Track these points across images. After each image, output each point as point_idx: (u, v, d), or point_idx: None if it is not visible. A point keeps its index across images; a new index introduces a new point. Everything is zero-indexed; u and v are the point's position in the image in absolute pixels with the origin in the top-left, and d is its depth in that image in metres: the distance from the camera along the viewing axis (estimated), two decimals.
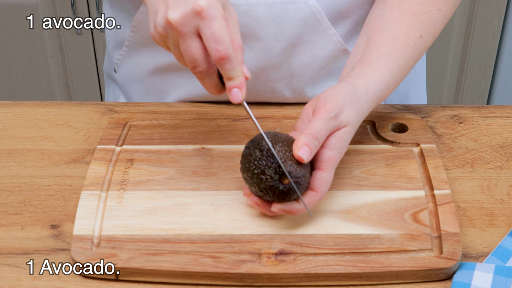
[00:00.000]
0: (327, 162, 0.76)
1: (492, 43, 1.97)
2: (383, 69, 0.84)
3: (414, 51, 0.87)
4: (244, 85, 0.73)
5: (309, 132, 0.74)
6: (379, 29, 0.86)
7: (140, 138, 0.90)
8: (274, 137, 0.76)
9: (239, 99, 0.73)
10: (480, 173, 0.87)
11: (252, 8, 0.91)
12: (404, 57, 0.86)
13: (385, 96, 0.84)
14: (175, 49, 0.75)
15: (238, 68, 0.72)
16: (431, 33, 0.88)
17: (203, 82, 0.75)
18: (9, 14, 1.87)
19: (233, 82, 0.73)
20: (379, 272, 0.72)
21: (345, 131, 0.77)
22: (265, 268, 0.72)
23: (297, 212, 0.75)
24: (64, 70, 1.97)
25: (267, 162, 0.74)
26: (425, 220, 0.77)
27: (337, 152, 0.77)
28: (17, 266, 0.75)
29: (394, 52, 0.85)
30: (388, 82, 0.84)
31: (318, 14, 0.92)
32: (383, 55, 0.84)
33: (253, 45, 0.94)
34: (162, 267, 0.72)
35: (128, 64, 1.04)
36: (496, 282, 0.71)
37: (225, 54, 0.71)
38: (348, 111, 0.78)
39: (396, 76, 0.85)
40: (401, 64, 0.85)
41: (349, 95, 0.79)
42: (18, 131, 0.95)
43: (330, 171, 0.76)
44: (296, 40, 0.93)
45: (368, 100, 0.81)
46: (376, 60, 0.84)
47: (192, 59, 0.73)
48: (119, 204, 0.80)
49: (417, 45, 0.87)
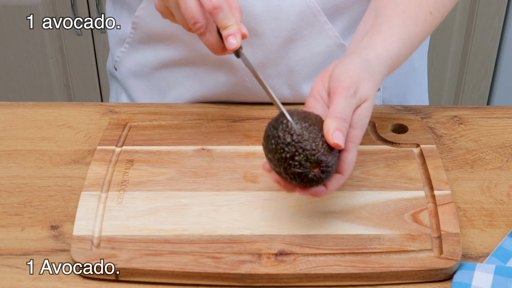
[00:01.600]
0: (351, 142, 0.74)
1: (492, 44, 1.97)
2: (393, 38, 0.82)
3: (424, 26, 0.85)
4: (239, 33, 0.77)
5: (336, 115, 0.72)
6: (388, 3, 0.85)
7: (140, 139, 0.90)
8: (302, 116, 0.73)
9: (234, 46, 0.76)
10: (480, 174, 0.87)
11: (249, 3, 0.91)
12: (415, 29, 0.84)
13: (395, 66, 0.82)
14: (177, 13, 0.79)
15: (231, 17, 0.76)
16: (440, 11, 0.87)
17: (204, 40, 0.79)
18: (9, 14, 1.87)
19: (227, 30, 0.77)
20: (379, 272, 0.72)
21: (366, 107, 0.75)
22: (265, 269, 0.72)
23: (322, 195, 0.73)
24: (64, 71, 1.97)
25: (298, 148, 0.70)
26: (425, 221, 0.77)
27: (360, 130, 0.74)
28: (17, 267, 0.75)
29: (405, 23, 0.83)
30: (399, 51, 0.81)
31: (314, 9, 0.92)
32: (394, 26, 0.83)
33: (251, 41, 0.94)
34: (162, 267, 0.72)
35: (129, 61, 1.04)
36: (496, 282, 0.71)
37: (216, 2, 0.75)
38: (365, 84, 0.75)
39: (407, 47, 0.83)
40: (412, 36, 0.83)
41: (363, 67, 0.77)
42: (18, 132, 0.95)
43: (355, 150, 0.74)
44: (293, 36, 0.94)
45: (381, 69, 0.79)
46: (387, 29, 0.82)
47: (191, 16, 0.77)
48: (119, 204, 0.80)
49: (427, 21, 0.85)
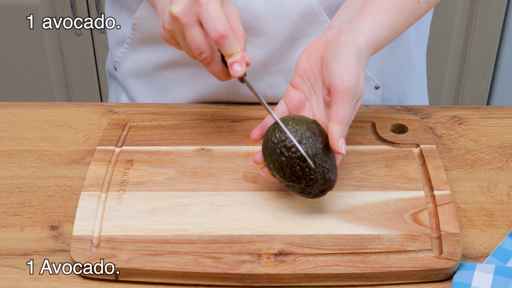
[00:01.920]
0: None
1: (492, 44, 1.97)
2: (382, 23, 0.83)
3: (410, 15, 0.86)
4: (244, 61, 0.79)
5: (342, 119, 0.74)
6: None
7: (139, 139, 0.90)
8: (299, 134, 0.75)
9: (239, 73, 0.78)
10: (480, 174, 0.87)
11: (250, 3, 0.91)
12: (401, 17, 0.85)
13: (378, 49, 0.83)
14: (183, 42, 0.81)
15: (236, 45, 0.78)
16: (426, 1, 0.88)
17: (209, 68, 0.81)
18: (8, 15, 1.87)
19: (233, 58, 0.78)
20: (379, 272, 0.72)
21: (358, 104, 0.78)
22: (265, 269, 0.72)
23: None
24: (64, 71, 1.97)
25: (308, 180, 0.75)
26: (425, 221, 0.77)
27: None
28: (16, 267, 0.75)
29: (394, 9, 0.84)
30: (384, 37, 0.83)
31: (316, 8, 0.92)
32: (384, 10, 0.84)
33: (252, 40, 0.94)
34: (162, 267, 0.72)
35: (130, 62, 1.04)
36: (496, 282, 0.71)
37: (222, 32, 0.76)
38: (362, 82, 0.78)
39: (392, 34, 0.84)
40: (398, 24, 0.85)
41: (358, 61, 0.78)
42: (17, 132, 0.95)
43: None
44: (295, 35, 0.94)
45: (367, 55, 0.81)
46: (377, 12, 0.83)
47: (197, 46, 0.79)
48: (119, 205, 0.80)
49: (414, 10, 0.86)
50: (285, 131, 0.75)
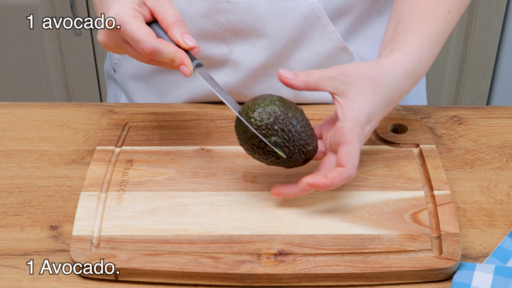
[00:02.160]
0: (347, 134, 0.75)
1: (492, 44, 1.97)
2: (412, 43, 0.82)
3: (444, 26, 0.85)
4: (186, 58, 0.77)
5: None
6: (406, 11, 0.85)
7: (139, 139, 0.90)
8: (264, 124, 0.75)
9: (188, 73, 0.77)
10: (479, 174, 0.87)
11: (253, 5, 0.91)
12: (434, 30, 0.84)
13: (419, 69, 0.82)
14: None
15: (169, 50, 0.77)
16: (458, 9, 0.87)
17: (165, 67, 0.80)
18: (8, 15, 1.87)
19: (175, 63, 0.78)
20: (378, 272, 0.72)
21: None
22: (265, 269, 0.72)
23: (322, 186, 0.74)
24: (64, 71, 1.97)
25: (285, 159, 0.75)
26: (425, 221, 0.77)
27: (353, 123, 0.76)
28: (16, 267, 0.75)
29: (423, 27, 0.84)
30: (419, 54, 0.82)
31: (317, 11, 0.92)
32: (412, 31, 0.83)
33: (254, 42, 0.94)
34: (162, 267, 0.72)
35: (129, 64, 1.04)
36: (496, 282, 0.71)
37: (148, 49, 0.76)
38: (377, 116, 0.78)
39: (428, 48, 0.83)
40: (431, 38, 0.84)
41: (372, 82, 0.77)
42: (17, 132, 0.95)
43: (354, 143, 0.74)
44: (297, 37, 0.94)
45: (397, 73, 0.79)
46: (404, 37, 0.83)
47: (140, 59, 0.80)
48: (119, 205, 0.80)
49: (446, 20, 0.85)
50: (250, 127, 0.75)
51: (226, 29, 0.93)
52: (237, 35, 0.94)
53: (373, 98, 0.77)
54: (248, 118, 0.74)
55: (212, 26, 0.94)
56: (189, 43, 0.78)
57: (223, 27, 0.93)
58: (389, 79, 0.78)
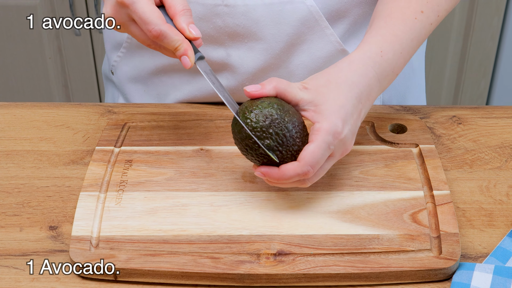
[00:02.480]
0: (314, 134, 0.75)
1: (492, 44, 1.97)
2: (372, 39, 0.82)
3: (415, 24, 0.84)
4: (190, 50, 0.77)
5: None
6: (378, 13, 0.85)
7: (138, 139, 0.90)
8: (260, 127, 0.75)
9: (188, 65, 0.77)
10: (479, 174, 0.87)
11: (250, 8, 0.91)
12: (402, 27, 0.83)
13: (382, 64, 0.81)
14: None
15: (176, 38, 0.76)
16: (433, 10, 0.86)
17: (164, 53, 0.80)
18: (7, 15, 1.87)
19: (178, 52, 0.77)
20: (378, 272, 0.72)
21: None
22: (264, 269, 0.72)
23: (275, 177, 0.74)
24: (63, 71, 1.97)
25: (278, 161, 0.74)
26: (424, 221, 0.77)
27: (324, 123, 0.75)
28: (15, 267, 0.75)
29: (387, 24, 0.83)
30: (379, 49, 0.81)
31: (316, 14, 0.92)
32: (375, 29, 0.83)
33: (252, 45, 0.94)
34: (161, 267, 0.72)
35: (127, 66, 1.04)
36: (495, 282, 0.71)
37: (156, 32, 0.75)
38: (353, 114, 0.77)
39: (392, 44, 0.82)
40: (398, 34, 0.83)
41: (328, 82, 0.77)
42: (16, 132, 0.94)
43: (318, 142, 0.74)
44: (295, 40, 0.93)
45: (355, 68, 0.79)
46: (367, 36, 0.83)
47: (141, 41, 0.79)
48: (118, 205, 0.80)
49: (418, 19, 0.85)
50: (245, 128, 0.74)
51: (224, 32, 0.93)
52: (234, 38, 0.94)
53: (339, 98, 0.77)
54: (245, 118, 0.74)
55: (210, 30, 0.93)
56: (194, 33, 0.77)
57: (221, 30, 0.93)
58: (347, 75, 0.78)
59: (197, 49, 0.79)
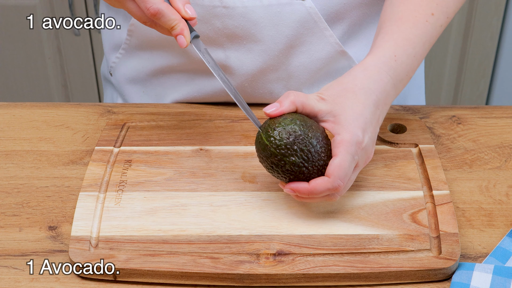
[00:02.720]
0: (336, 146, 0.75)
1: (491, 44, 1.97)
2: (386, 44, 0.82)
3: (426, 27, 0.84)
4: (186, 29, 0.78)
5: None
6: (387, 16, 0.85)
7: (138, 139, 0.90)
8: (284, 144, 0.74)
9: (184, 44, 0.77)
10: (478, 174, 0.87)
11: (249, 10, 0.91)
12: (414, 31, 0.83)
13: (397, 68, 0.81)
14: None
15: (174, 17, 0.77)
16: (443, 12, 0.86)
17: (158, 31, 0.80)
18: (6, 15, 1.86)
19: (174, 31, 0.78)
20: (377, 272, 0.72)
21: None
22: (264, 269, 0.72)
23: (304, 192, 0.74)
24: (62, 71, 1.97)
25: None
26: (424, 221, 0.77)
27: (346, 134, 0.75)
28: (15, 267, 0.75)
29: (400, 28, 0.83)
30: (393, 53, 0.81)
31: (315, 15, 0.92)
32: (388, 34, 0.83)
33: (251, 47, 0.94)
34: (161, 268, 0.72)
35: (125, 67, 1.04)
36: (495, 282, 0.71)
37: (153, 10, 0.76)
38: (372, 122, 0.77)
39: (406, 48, 0.82)
40: (410, 38, 0.83)
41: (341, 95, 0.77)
42: (16, 133, 0.94)
43: (343, 155, 0.74)
44: (294, 42, 0.93)
45: (370, 75, 0.79)
46: (380, 40, 0.83)
47: (137, 18, 0.79)
48: (117, 205, 0.80)
49: (429, 22, 0.85)
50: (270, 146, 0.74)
51: (222, 34, 0.93)
52: (233, 40, 0.94)
53: (357, 106, 0.77)
54: (268, 137, 0.74)
55: (208, 31, 0.93)
56: (190, 13, 0.78)
57: (219, 32, 0.93)
58: (363, 82, 0.78)
59: (193, 28, 0.80)
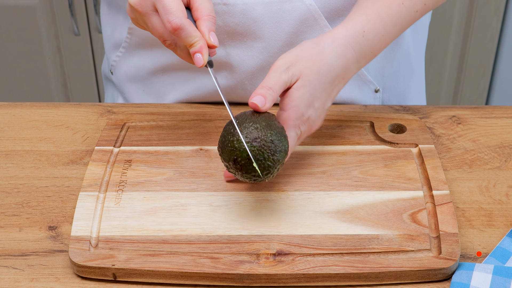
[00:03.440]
0: (284, 122, 0.78)
1: (491, 44, 1.97)
2: (358, 18, 0.84)
3: (401, 9, 0.86)
4: (205, 49, 0.77)
5: (262, 84, 0.76)
6: None
7: (138, 139, 0.90)
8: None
9: (201, 63, 0.77)
10: (478, 174, 0.87)
11: (249, 7, 0.91)
12: (388, 11, 0.85)
13: (363, 44, 0.83)
14: (146, 28, 0.81)
15: (195, 34, 0.77)
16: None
17: (177, 53, 0.80)
18: (6, 15, 1.87)
19: (193, 48, 0.77)
20: (377, 272, 0.72)
21: (296, 87, 0.78)
22: (263, 269, 0.72)
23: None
24: (62, 71, 1.97)
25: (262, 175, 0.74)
26: (424, 221, 0.77)
27: (292, 112, 0.78)
28: (14, 267, 0.75)
29: (374, 5, 0.85)
30: (363, 29, 0.83)
31: (315, 13, 0.92)
32: (362, 8, 0.85)
33: (251, 44, 0.94)
34: (160, 268, 0.72)
35: (126, 65, 1.04)
36: (495, 282, 0.71)
37: (175, 24, 0.76)
38: (301, 63, 0.78)
39: (376, 26, 0.84)
40: (383, 16, 0.85)
41: (305, 49, 0.80)
42: (16, 133, 0.94)
43: (290, 130, 0.78)
44: (294, 39, 0.94)
45: (335, 50, 0.81)
46: (353, 13, 0.84)
47: (158, 35, 0.79)
48: (117, 205, 0.80)
49: (404, 5, 0.86)
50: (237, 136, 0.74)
51: (223, 31, 0.93)
52: (233, 37, 0.94)
53: (315, 82, 0.79)
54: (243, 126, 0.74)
55: None
56: (213, 40, 0.78)
57: (220, 29, 0.93)
58: (329, 57, 0.80)
59: (209, 56, 0.79)
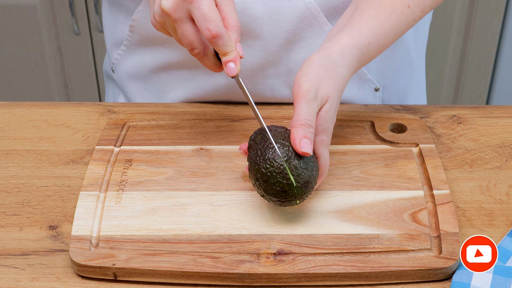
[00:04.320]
0: (318, 147, 0.77)
1: (491, 43, 1.97)
2: (363, 28, 0.83)
3: (400, 19, 0.86)
4: (239, 59, 0.78)
5: (300, 122, 0.74)
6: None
7: (138, 139, 0.90)
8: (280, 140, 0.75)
9: (234, 72, 0.78)
10: (479, 174, 0.87)
11: (248, 5, 0.91)
12: (389, 21, 0.85)
13: (365, 56, 0.83)
14: (174, 34, 0.80)
15: (231, 43, 0.77)
16: (419, 6, 0.87)
17: (202, 62, 0.80)
18: (7, 14, 1.86)
19: (227, 57, 0.78)
20: (378, 272, 0.72)
21: (326, 110, 0.77)
22: (264, 268, 0.72)
23: None
24: (62, 70, 1.97)
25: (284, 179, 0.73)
26: (424, 220, 0.77)
27: (324, 134, 0.77)
28: (15, 267, 0.75)
29: (378, 15, 0.84)
30: (368, 41, 0.82)
31: (314, 10, 0.92)
32: (366, 17, 0.84)
33: (250, 42, 0.94)
34: (161, 267, 0.72)
35: (127, 63, 1.04)
36: (495, 282, 0.71)
37: (215, 32, 0.75)
38: (325, 84, 0.77)
39: (379, 37, 0.84)
40: (385, 28, 0.84)
41: (322, 65, 0.78)
42: (16, 132, 0.94)
43: (325, 153, 0.77)
44: (293, 37, 0.94)
45: (346, 63, 0.80)
46: (357, 21, 0.83)
47: (188, 42, 0.78)
48: (118, 204, 0.80)
49: (404, 14, 0.86)
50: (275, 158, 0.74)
51: None
52: None
53: (338, 99, 0.79)
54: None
55: None
56: (240, 51, 0.79)
57: None
58: (343, 71, 0.80)
59: None
